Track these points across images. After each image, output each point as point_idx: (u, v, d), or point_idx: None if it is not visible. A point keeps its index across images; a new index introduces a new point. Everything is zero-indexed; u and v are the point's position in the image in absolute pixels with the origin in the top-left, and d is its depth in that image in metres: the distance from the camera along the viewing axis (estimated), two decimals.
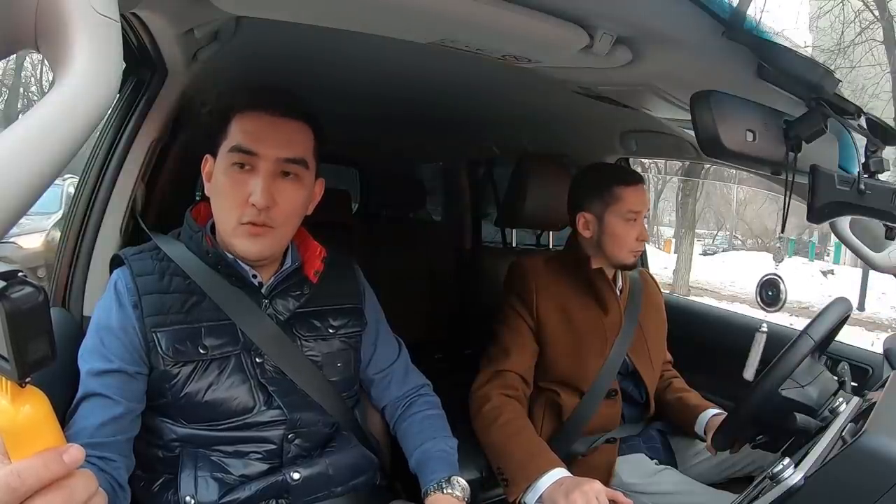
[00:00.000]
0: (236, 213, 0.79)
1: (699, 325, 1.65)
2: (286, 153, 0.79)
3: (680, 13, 0.65)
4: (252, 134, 0.78)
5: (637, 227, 1.21)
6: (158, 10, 0.74)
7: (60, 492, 0.36)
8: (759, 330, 0.85)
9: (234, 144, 0.78)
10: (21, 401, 0.36)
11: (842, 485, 0.68)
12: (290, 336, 0.85)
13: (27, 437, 0.37)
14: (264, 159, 0.78)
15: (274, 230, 0.80)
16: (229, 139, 0.79)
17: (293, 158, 0.80)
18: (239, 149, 0.78)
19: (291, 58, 1.08)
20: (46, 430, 0.37)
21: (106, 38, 0.34)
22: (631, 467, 1.15)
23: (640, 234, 1.21)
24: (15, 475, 0.35)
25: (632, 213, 1.20)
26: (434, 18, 0.71)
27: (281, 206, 0.79)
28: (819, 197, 0.68)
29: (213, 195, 0.82)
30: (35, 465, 0.35)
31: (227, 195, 0.79)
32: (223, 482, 0.78)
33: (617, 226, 1.20)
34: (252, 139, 0.78)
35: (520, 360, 1.19)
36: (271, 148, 0.78)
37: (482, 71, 1.00)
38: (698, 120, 0.64)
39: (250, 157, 0.78)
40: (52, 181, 0.31)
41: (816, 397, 0.89)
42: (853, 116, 0.71)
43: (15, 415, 0.36)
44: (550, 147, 1.71)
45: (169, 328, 0.78)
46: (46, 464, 0.35)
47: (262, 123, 0.79)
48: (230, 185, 0.79)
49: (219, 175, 0.80)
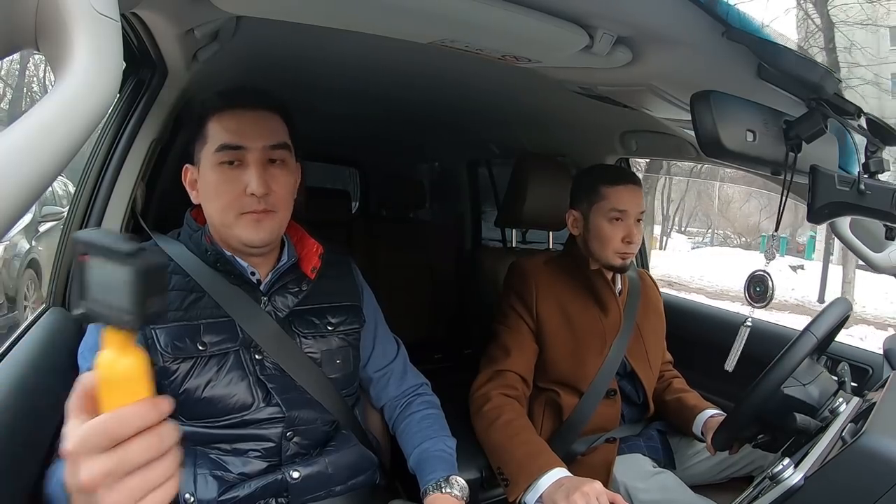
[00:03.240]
0: (234, 207, 0.80)
1: (699, 324, 1.65)
2: (271, 140, 0.82)
3: (680, 13, 0.65)
4: (235, 130, 0.80)
5: (622, 227, 1.19)
6: (158, 10, 0.74)
7: (153, 438, 0.40)
8: (744, 324, 0.86)
9: (220, 143, 0.80)
10: (125, 354, 0.40)
11: (842, 485, 0.68)
12: (290, 333, 0.86)
13: (125, 388, 0.41)
14: (252, 150, 0.80)
15: (275, 213, 0.82)
16: (211, 141, 0.81)
17: (278, 144, 0.83)
18: (226, 146, 0.80)
19: (291, 58, 1.09)
20: (143, 382, 0.41)
21: (106, 37, 0.34)
22: (628, 467, 1.15)
23: (626, 236, 1.19)
24: (116, 420, 0.39)
25: (616, 213, 1.19)
26: (434, 18, 0.71)
27: (276, 191, 0.82)
28: (819, 197, 0.68)
29: (205, 198, 0.83)
30: (135, 412, 0.39)
31: (221, 193, 0.80)
32: (222, 480, 0.78)
33: (601, 225, 1.20)
34: (237, 135, 0.80)
35: (520, 360, 1.19)
36: (257, 139, 0.81)
37: (482, 71, 1.00)
38: (698, 120, 0.64)
39: (238, 151, 0.80)
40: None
41: (817, 396, 0.90)
42: (853, 117, 0.71)
43: (118, 366, 0.40)
44: (550, 147, 1.71)
45: (167, 325, 0.79)
46: (144, 412, 0.40)
47: (241, 119, 0.81)
48: (223, 183, 0.80)
49: (208, 177, 0.81)
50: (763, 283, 0.74)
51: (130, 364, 0.40)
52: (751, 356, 0.90)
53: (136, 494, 0.41)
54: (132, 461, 0.40)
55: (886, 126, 0.71)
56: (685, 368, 1.41)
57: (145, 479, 0.41)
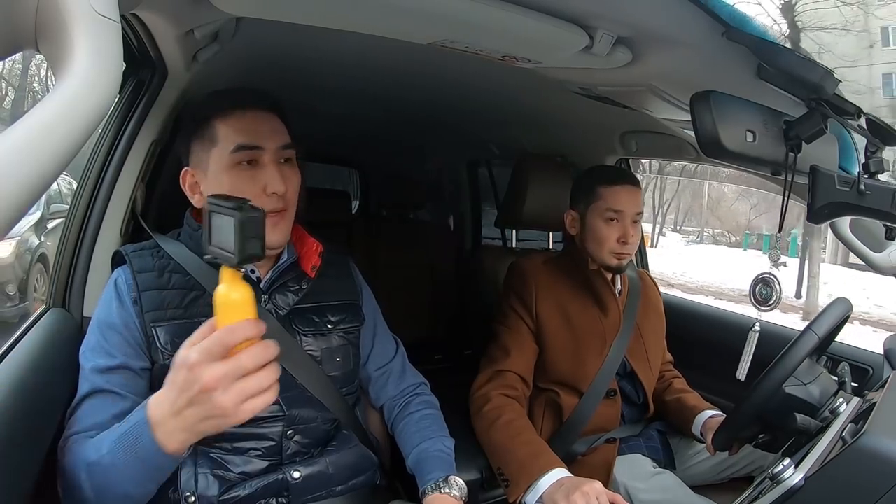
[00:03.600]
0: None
1: (699, 324, 1.65)
2: (282, 141, 0.83)
3: (680, 13, 0.65)
4: (250, 130, 0.81)
5: (618, 228, 1.19)
6: (158, 11, 0.74)
7: (258, 349, 0.55)
8: (752, 329, 0.85)
9: (237, 144, 0.80)
10: (235, 287, 0.55)
11: (842, 485, 0.68)
12: (290, 331, 0.86)
13: (235, 311, 0.55)
14: (268, 151, 0.81)
15: (287, 212, 0.84)
16: (224, 143, 0.80)
17: (288, 144, 0.84)
18: (244, 147, 0.80)
19: (291, 58, 1.09)
20: (248, 307, 0.55)
21: (106, 38, 0.34)
22: (628, 468, 1.15)
23: (622, 236, 1.19)
24: (229, 333, 0.54)
25: (611, 213, 1.19)
26: (434, 19, 0.71)
27: (290, 190, 0.83)
28: (819, 197, 0.68)
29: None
30: (242, 326, 0.54)
31: (240, 194, 0.79)
32: (223, 479, 0.78)
33: (596, 225, 1.21)
34: (253, 135, 0.80)
35: (519, 361, 1.19)
36: (271, 139, 0.82)
37: (482, 71, 1.00)
38: (698, 120, 0.64)
39: (255, 151, 0.81)
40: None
41: (818, 396, 0.90)
42: (853, 117, 0.71)
43: (230, 295, 0.55)
44: (550, 147, 1.71)
45: (167, 323, 0.79)
46: (250, 327, 0.55)
47: (253, 119, 0.81)
48: (241, 183, 0.80)
49: (222, 178, 0.80)
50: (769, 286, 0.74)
51: (239, 294, 0.55)
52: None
53: (245, 395, 0.55)
54: (243, 367, 0.54)
55: (886, 126, 0.71)
56: (685, 369, 1.41)
57: (252, 384, 0.55)
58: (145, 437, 0.61)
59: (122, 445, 0.63)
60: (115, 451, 0.64)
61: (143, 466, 0.63)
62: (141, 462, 0.62)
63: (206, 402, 0.55)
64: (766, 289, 0.74)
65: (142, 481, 0.65)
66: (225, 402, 0.55)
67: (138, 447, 0.62)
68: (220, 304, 0.55)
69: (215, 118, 0.81)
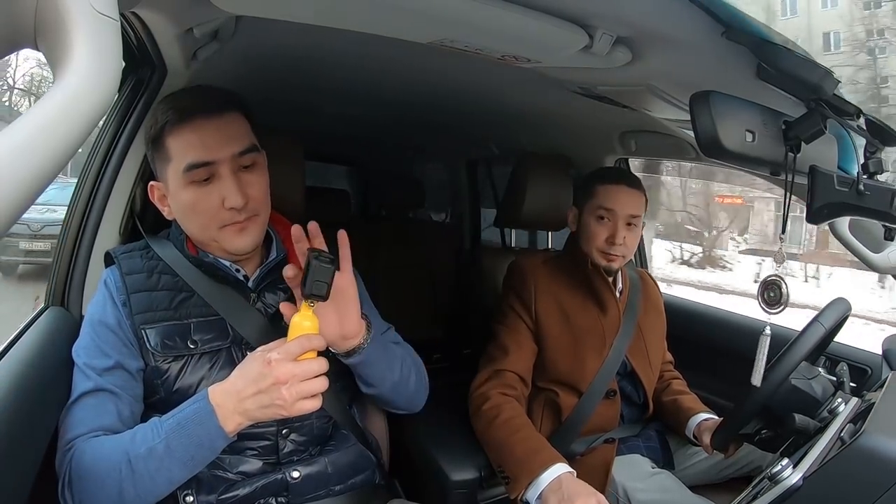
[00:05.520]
0: (215, 222, 0.79)
1: (699, 324, 1.65)
2: (239, 147, 0.78)
3: (680, 13, 0.64)
4: (198, 145, 0.76)
5: (608, 227, 1.19)
6: (158, 10, 0.74)
7: (320, 361, 0.70)
8: (763, 333, 0.85)
9: (186, 163, 0.76)
10: (307, 316, 0.71)
11: (840, 485, 0.68)
12: (280, 329, 0.85)
13: (306, 332, 0.71)
14: (222, 163, 0.77)
15: (257, 217, 0.82)
16: (175, 160, 0.77)
17: (247, 149, 0.79)
18: (194, 165, 0.76)
19: (291, 57, 1.08)
20: (316, 331, 0.71)
21: (105, 37, 0.34)
22: (627, 468, 1.15)
23: (610, 236, 1.19)
24: (299, 344, 0.69)
25: (603, 211, 1.20)
26: (434, 18, 0.71)
27: (254, 197, 0.80)
28: (818, 198, 0.68)
29: (181, 217, 0.82)
30: (310, 340, 0.70)
31: (199, 212, 0.79)
32: (222, 479, 0.78)
33: (588, 222, 1.22)
34: (202, 150, 0.76)
35: (518, 360, 1.19)
36: (224, 148, 0.77)
37: (482, 71, 1.00)
38: (698, 120, 0.64)
39: (208, 167, 0.77)
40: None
41: (821, 392, 0.90)
42: (852, 117, 0.71)
43: (304, 321, 0.71)
44: (550, 147, 1.71)
45: (157, 324, 0.79)
46: (316, 341, 0.71)
47: (202, 130, 0.77)
48: (199, 201, 0.78)
49: (181, 196, 0.79)
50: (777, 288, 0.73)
51: (310, 321, 0.71)
52: (748, 356, 0.90)
53: (302, 394, 0.68)
54: (307, 371, 0.68)
55: (886, 127, 0.71)
56: (686, 369, 1.41)
57: (309, 386, 0.68)
58: (210, 422, 0.69)
59: (184, 431, 0.69)
60: (173, 437, 0.69)
61: (201, 449, 0.70)
62: (199, 445, 0.70)
63: (273, 393, 0.67)
64: (773, 291, 0.74)
65: (196, 464, 0.72)
66: (288, 396, 0.67)
67: (201, 431, 0.69)
68: (294, 328, 0.71)
69: (166, 134, 0.77)
